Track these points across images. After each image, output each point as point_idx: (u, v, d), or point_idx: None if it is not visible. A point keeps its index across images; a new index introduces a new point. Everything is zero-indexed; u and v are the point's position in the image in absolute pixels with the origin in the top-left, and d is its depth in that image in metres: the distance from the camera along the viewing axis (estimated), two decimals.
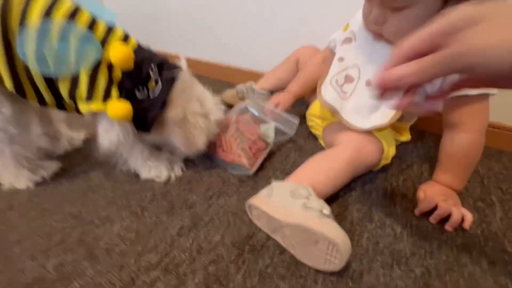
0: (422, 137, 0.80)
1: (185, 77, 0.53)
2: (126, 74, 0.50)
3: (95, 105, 0.49)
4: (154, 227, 0.48)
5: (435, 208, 0.52)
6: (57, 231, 0.47)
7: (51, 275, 0.40)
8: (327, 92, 0.61)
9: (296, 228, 0.40)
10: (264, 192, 0.49)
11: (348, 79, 0.58)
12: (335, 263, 0.38)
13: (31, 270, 0.41)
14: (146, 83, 0.51)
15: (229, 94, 0.93)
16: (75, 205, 0.53)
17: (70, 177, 0.61)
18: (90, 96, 0.49)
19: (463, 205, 0.53)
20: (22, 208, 0.52)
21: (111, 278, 0.40)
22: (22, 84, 0.48)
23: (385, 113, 0.54)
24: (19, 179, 0.56)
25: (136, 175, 0.61)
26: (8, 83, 0.47)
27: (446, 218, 0.51)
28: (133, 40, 0.53)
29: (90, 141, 0.72)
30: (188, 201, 0.55)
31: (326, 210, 0.41)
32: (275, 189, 0.48)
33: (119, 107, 0.49)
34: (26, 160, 0.56)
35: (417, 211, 0.53)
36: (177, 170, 0.61)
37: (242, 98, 0.92)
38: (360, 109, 0.56)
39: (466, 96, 0.48)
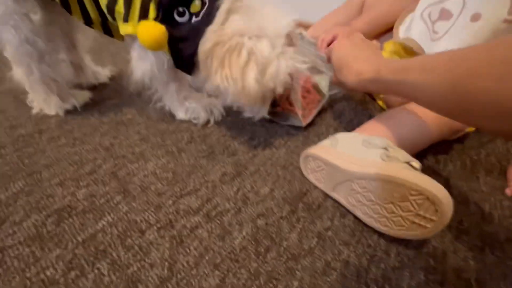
0: None
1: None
2: None
3: (130, 27, 0.42)
4: (193, 170, 0.42)
5: None
6: (88, 161, 0.42)
7: (82, 205, 0.35)
8: (415, 26, 0.48)
9: (376, 180, 0.31)
10: (326, 142, 0.41)
11: (445, 14, 0.44)
12: (426, 228, 0.29)
13: (61, 197, 0.36)
14: (188, 2, 0.42)
15: None
16: (106, 138, 0.48)
17: (101, 109, 0.55)
18: (126, 16, 0.42)
19: None
20: (52, 133, 0.47)
21: (148, 217, 0.35)
22: None
23: None
24: (49, 104, 0.51)
25: (172, 115, 0.54)
26: None
27: None
28: None
29: (118, 78, 0.66)
30: (230, 147, 0.48)
31: (416, 163, 0.32)
32: (341, 139, 0.39)
33: (150, 29, 0.40)
34: (55, 85, 0.51)
35: (510, 191, 0.43)
36: (217, 115, 0.54)
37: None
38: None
39: None
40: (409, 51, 0.48)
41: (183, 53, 0.43)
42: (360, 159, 0.33)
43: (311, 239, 0.34)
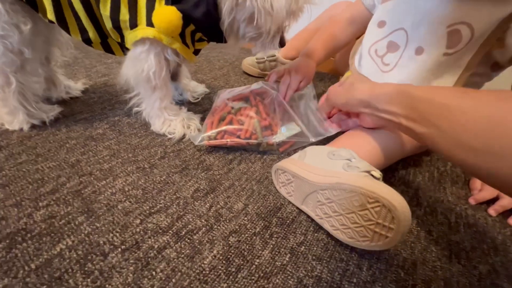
0: None
1: None
2: None
3: (140, 31, 0.42)
4: (164, 186, 0.41)
5: (495, 198, 0.44)
6: (50, 179, 0.40)
7: (39, 227, 0.33)
8: (364, 63, 0.51)
9: (337, 190, 0.32)
10: (295, 155, 0.41)
11: (392, 46, 0.48)
12: (387, 237, 0.29)
13: (16, 219, 0.33)
14: None
15: (248, 62, 0.84)
16: (73, 154, 0.45)
17: (70, 124, 0.52)
18: (134, 21, 0.42)
19: None
20: (12, 150, 0.44)
21: (112, 239, 0.33)
22: (64, 14, 0.43)
23: None
24: (15, 119, 0.48)
25: (145, 129, 0.53)
26: (51, 14, 0.42)
27: (508, 211, 0.43)
28: None
29: (91, 92, 0.64)
30: (205, 162, 0.47)
31: (377, 172, 0.32)
32: (309, 152, 0.39)
33: (163, 13, 0.40)
34: (28, 97, 0.48)
35: (473, 200, 0.45)
36: (194, 129, 0.53)
37: (263, 68, 0.82)
38: (408, 82, 0.46)
39: None
40: None
41: (202, 20, 0.43)
42: (324, 170, 0.34)
43: (283, 256, 0.33)
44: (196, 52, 0.51)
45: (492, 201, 0.44)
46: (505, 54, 0.41)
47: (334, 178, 0.32)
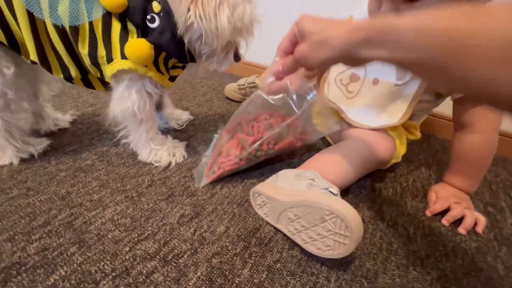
0: (428, 140, 0.79)
1: None
2: (130, 11, 0.46)
3: (116, 63, 0.46)
4: (151, 214, 0.44)
5: (447, 209, 0.51)
6: (41, 212, 0.42)
7: (33, 260, 0.35)
8: (331, 91, 0.58)
9: (300, 206, 0.37)
10: (269, 179, 0.46)
11: (354, 77, 0.55)
12: (346, 244, 0.33)
13: (10, 254, 0.36)
14: (150, 8, 0.47)
15: (230, 88, 0.90)
16: (63, 186, 0.48)
17: (59, 156, 0.55)
18: (109, 55, 0.46)
19: (475, 209, 0.51)
20: (2, 185, 0.46)
21: (103, 267, 0.35)
22: (46, 54, 0.46)
23: (393, 113, 0.52)
24: (4, 154, 0.51)
25: (133, 158, 0.57)
26: (34, 55, 0.45)
27: (458, 221, 0.49)
28: None
29: (79, 122, 0.67)
30: (190, 188, 0.51)
31: (334, 189, 0.37)
32: (281, 175, 0.45)
33: (134, 45, 0.45)
34: (15, 133, 0.51)
35: (428, 212, 0.51)
36: (179, 157, 0.57)
37: (244, 94, 0.88)
38: (367, 109, 0.54)
39: None
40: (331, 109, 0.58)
41: (169, 44, 0.47)
42: (291, 190, 0.39)
43: (261, 273, 0.37)
44: (172, 78, 0.55)
45: (446, 212, 0.51)
46: None
47: (298, 196, 0.37)
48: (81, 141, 0.61)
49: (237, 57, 0.53)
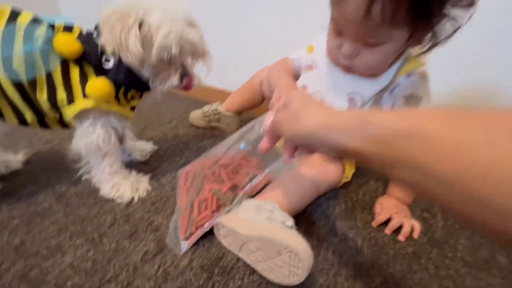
0: None
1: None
2: (86, 55, 0.48)
3: (78, 104, 0.48)
4: (114, 255, 0.45)
5: (389, 219, 0.58)
6: None
7: None
8: None
9: (260, 240, 0.41)
10: (231, 211, 0.49)
11: None
12: (298, 274, 0.38)
13: None
14: (103, 52, 0.48)
15: (195, 115, 0.93)
16: (17, 235, 0.46)
17: (12, 201, 0.53)
18: (70, 97, 0.48)
19: (413, 216, 0.59)
20: None
21: None
22: None
23: None
24: None
25: (94, 197, 0.56)
26: None
27: (399, 229, 0.56)
28: (77, 28, 0.51)
29: (34, 162, 0.65)
30: (153, 223, 0.52)
31: (289, 221, 0.42)
32: (242, 206, 0.48)
33: (95, 83, 0.47)
34: None
35: (374, 223, 0.57)
36: (142, 191, 0.58)
37: (209, 121, 0.91)
38: None
39: None
40: None
41: (127, 79, 0.49)
42: (251, 223, 0.43)
43: None
44: (132, 108, 0.58)
45: (389, 221, 0.58)
46: None
47: (258, 230, 0.41)
48: (36, 182, 0.59)
49: (185, 83, 0.53)
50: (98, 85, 0.47)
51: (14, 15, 0.45)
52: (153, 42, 0.46)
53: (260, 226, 0.41)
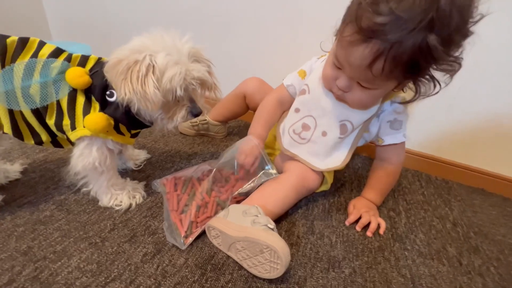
0: (352, 158, 0.98)
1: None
2: (92, 88, 0.52)
3: (79, 131, 0.52)
4: (116, 256, 0.50)
5: (360, 218, 0.66)
6: (4, 270, 0.45)
7: None
8: (285, 139, 0.69)
9: (245, 241, 0.47)
10: (221, 214, 0.56)
11: (305, 127, 0.67)
12: (278, 269, 0.45)
13: None
14: (110, 85, 0.51)
15: (184, 125, 0.97)
16: (23, 241, 0.50)
17: (14, 210, 0.57)
18: (73, 124, 0.52)
19: (380, 214, 0.68)
20: None
21: None
22: (19, 127, 0.51)
23: (336, 158, 0.65)
24: None
25: (93, 204, 0.61)
26: (8, 128, 0.50)
27: (367, 226, 0.65)
28: (93, 58, 0.54)
29: (31, 171, 0.68)
30: (151, 227, 0.57)
31: (271, 224, 0.49)
32: (231, 211, 0.55)
33: (92, 118, 0.50)
34: None
35: (347, 222, 0.66)
36: (139, 198, 0.63)
37: (197, 130, 0.96)
38: (316, 154, 0.66)
39: (395, 144, 0.65)
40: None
41: (122, 118, 0.53)
42: (238, 226, 0.50)
43: None
44: (134, 135, 0.62)
45: (359, 220, 0.66)
46: (370, 136, 0.67)
47: (244, 232, 0.48)
48: (35, 191, 0.63)
49: (193, 113, 0.55)
50: (95, 119, 0.50)
51: (40, 46, 0.51)
52: (161, 85, 0.48)
53: (246, 229, 0.48)
